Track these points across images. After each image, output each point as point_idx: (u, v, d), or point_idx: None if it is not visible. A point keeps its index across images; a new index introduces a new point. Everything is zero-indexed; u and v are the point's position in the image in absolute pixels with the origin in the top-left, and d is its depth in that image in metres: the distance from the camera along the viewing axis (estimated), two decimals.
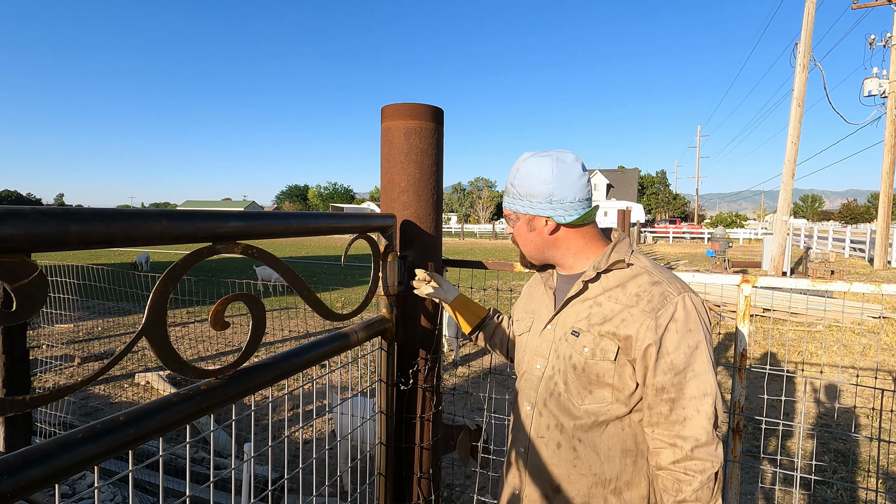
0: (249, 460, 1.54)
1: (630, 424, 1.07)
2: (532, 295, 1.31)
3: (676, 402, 0.99)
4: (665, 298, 1.02)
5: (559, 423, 1.11)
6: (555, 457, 1.11)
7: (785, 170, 13.17)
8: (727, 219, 54.71)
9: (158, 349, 0.75)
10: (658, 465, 1.02)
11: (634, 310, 1.03)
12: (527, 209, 1.12)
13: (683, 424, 0.98)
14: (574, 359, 1.09)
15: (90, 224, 0.63)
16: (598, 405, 1.06)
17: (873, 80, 16.12)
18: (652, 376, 1.01)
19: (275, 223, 0.96)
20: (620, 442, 1.07)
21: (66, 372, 5.40)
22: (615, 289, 1.08)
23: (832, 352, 6.11)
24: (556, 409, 1.12)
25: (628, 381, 1.04)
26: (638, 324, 1.02)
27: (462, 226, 41.40)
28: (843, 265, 15.57)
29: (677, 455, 0.98)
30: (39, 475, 0.60)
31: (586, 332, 1.08)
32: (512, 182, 1.13)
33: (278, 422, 4.10)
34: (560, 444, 1.10)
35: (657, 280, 1.06)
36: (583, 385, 1.08)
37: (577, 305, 1.12)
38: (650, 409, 1.02)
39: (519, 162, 1.13)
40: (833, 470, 3.28)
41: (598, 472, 1.07)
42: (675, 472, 0.99)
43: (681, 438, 0.98)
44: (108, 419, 0.70)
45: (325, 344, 1.15)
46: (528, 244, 1.17)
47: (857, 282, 1.50)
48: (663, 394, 1.00)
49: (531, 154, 1.12)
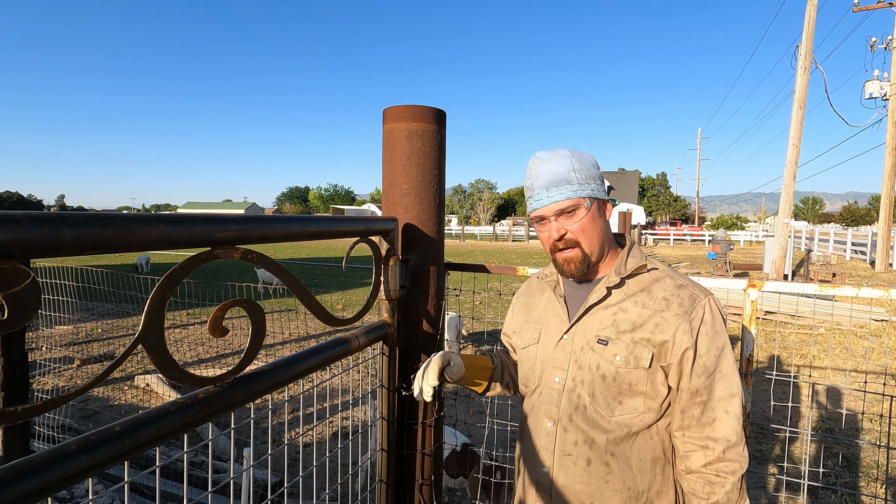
0: (249, 465, 1.52)
1: (658, 432, 1.04)
2: (532, 305, 1.24)
3: (707, 404, 0.99)
4: (694, 301, 1.02)
5: (588, 439, 1.04)
6: (585, 474, 1.04)
7: (786, 172, 13.14)
8: (728, 221, 54.68)
9: (155, 357, 0.73)
10: (688, 469, 1.00)
11: (667, 314, 1.01)
12: (596, 193, 1.05)
13: (713, 426, 0.98)
14: (603, 368, 1.03)
15: (84, 229, 0.61)
16: (630, 415, 1.02)
17: (874, 83, 16.11)
18: (688, 380, 1.00)
19: (274, 227, 0.94)
20: (650, 451, 1.03)
21: (66, 374, 5.38)
22: (639, 294, 1.05)
23: (835, 355, 6.08)
24: (584, 424, 1.05)
25: (660, 388, 1.01)
26: (673, 328, 1.00)
27: (463, 228, 41.41)
28: (844, 267, 15.53)
29: (709, 457, 0.98)
30: (32, 488, 0.58)
31: (616, 341, 1.03)
32: (570, 168, 1.04)
33: (278, 426, 4.08)
34: (590, 460, 1.04)
35: (682, 283, 1.06)
36: (612, 396, 1.02)
37: (599, 313, 1.07)
38: (683, 413, 1.01)
39: (556, 153, 1.06)
40: (837, 475, 3.26)
41: (632, 485, 1.02)
42: (706, 474, 0.98)
43: (712, 440, 0.98)
44: (103, 429, 0.68)
45: (326, 349, 1.13)
46: (596, 235, 1.06)
47: (864, 285, 1.49)
48: (697, 397, 1.00)
49: (558, 149, 1.08)
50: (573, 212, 1.05)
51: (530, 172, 1.09)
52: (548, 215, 1.06)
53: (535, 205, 1.07)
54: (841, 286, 1.47)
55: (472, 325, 7.56)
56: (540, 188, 1.06)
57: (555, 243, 1.07)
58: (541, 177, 1.06)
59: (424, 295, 1.47)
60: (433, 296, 1.48)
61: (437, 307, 1.50)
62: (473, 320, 1.69)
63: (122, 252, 0.69)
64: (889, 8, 15.61)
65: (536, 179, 1.07)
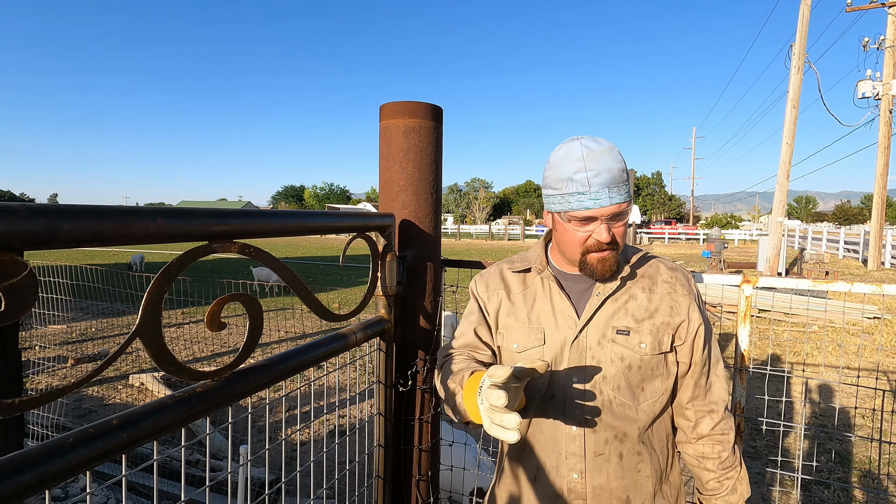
0: (246, 463, 1.52)
1: (667, 410, 1.09)
2: (520, 302, 1.11)
3: (711, 371, 1.08)
4: (688, 278, 1.10)
5: (619, 434, 1.02)
6: (619, 469, 1.02)
7: (780, 171, 13.23)
8: (722, 220, 54.96)
9: (153, 351, 0.73)
10: (699, 435, 1.07)
11: (675, 295, 1.06)
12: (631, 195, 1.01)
13: (712, 390, 1.08)
14: (628, 359, 1.02)
15: (82, 222, 0.61)
16: (653, 399, 1.05)
17: (867, 83, 16.22)
18: (701, 352, 1.06)
19: (272, 222, 0.94)
20: (665, 429, 1.09)
21: (60, 373, 5.35)
22: (642, 279, 1.08)
23: (828, 352, 6.13)
24: (614, 420, 1.02)
25: (671, 368, 1.06)
26: (685, 307, 1.05)
27: (458, 226, 41.40)
28: (837, 266, 15.65)
29: (715, 420, 1.06)
30: (30, 481, 0.58)
31: (637, 329, 1.02)
32: (624, 168, 0.96)
33: (275, 423, 4.07)
34: (622, 454, 1.03)
35: (671, 265, 1.12)
36: (636, 384, 1.03)
37: (609, 304, 1.05)
38: (696, 385, 1.07)
39: (604, 146, 0.96)
40: (830, 471, 3.29)
41: (657, 466, 1.06)
42: (714, 435, 1.06)
43: (714, 404, 1.07)
44: (101, 422, 0.68)
45: (324, 345, 1.13)
46: (624, 237, 1.03)
47: (857, 282, 1.50)
48: (704, 367, 1.07)
49: (600, 139, 0.98)
50: (625, 215, 0.98)
51: (584, 164, 0.94)
52: (603, 216, 0.96)
53: (588, 203, 0.95)
54: (834, 282, 1.49)
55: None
56: (600, 186, 0.94)
57: (598, 243, 0.98)
58: (601, 174, 0.94)
59: (421, 291, 1.47)
60: (430, 292, 1.49)
61: (434, 303, 1.50)
62: None
63: (120, 245, 0.68)
64: (881, 8, 15.73)
65: (595, 176, 0.94)
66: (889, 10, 15.68)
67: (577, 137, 0.99)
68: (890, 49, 15.87)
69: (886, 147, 16.17)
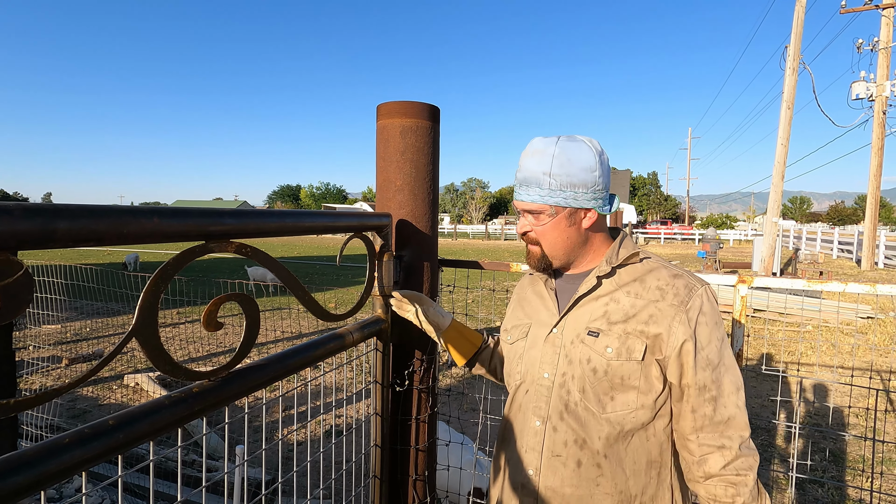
0: (242, 463, 1.51)
1: (655, 433, 0.99)
2: (524, 301, 1.19)
3: (718, 400, 0.94)
4: (691, 291, 0.97)
5: (579, 438, 0.99)
6: (575, 477, 0.98)
7: (775, 171, 13.30)
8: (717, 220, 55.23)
9: (149, 350, 0.73)
10: (707, 474, 0.95)
11: (661, 304, 0.97)
12: (570, 201, 0.99)
13: (728, 424, 0.94)
14: (594, 362, 0.98)
15: (78, 221, 0.61)
16: (623, 412, 0.97)
17: (861, 84, 16.34)
18: (693, 374, 0.94)
19: (270, 221, 0.94)
20: (646, 453, 0.98)
21: (54, 374, 5.32)
22: (632, 283, 1.01)
23: (821, 352, 6.17)
24: (575, 423, 0.99)
25: (654, 383, 0.97)
26: (669, 319, 0.95)
27: (455, 226, 41.43)
28: (831, 266, 15.75)
29: (727, 457, 0.93)
30: (25, 482, 0.58)
31: (607, 332, 0.98)
32: (547, 172, 0.98)
33: (271, 423, 4.06)
34: (580, 461, 0.98)
35: (677, 273, 1.01)
36: (604, 391, 0.97)
37: (590, 304, 1.02)
38: (694, 413, 0.95)
39: (547, 148, 0.99)
40: (824, 469, 3.31)
41: (624, 488, 0.97)
42: (727, 476, 0.93)
43: (728, 439, 0.94)
44: (97, 423, 0.67)
45: (321, 345, 1.13)
46: (559, 242, 1.03)
47: (851, 282, 1.51)
48: (706, 392, 0.94)
49: (563, 138, 0.99)
50: (538, 215, 1.03)
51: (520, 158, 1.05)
52: (518, 209, 1.07)
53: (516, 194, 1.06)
54: (829, 282, 1.50)
55: (464, 322, 7.56)
56: (518, 181, 1.04)
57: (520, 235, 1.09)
58: (521, 170, 1.03)
59: (418, 291, 1.47)
60: (427, 292, 1.48)
61: None
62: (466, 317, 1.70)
63: (117, 244, 0.68)
64: (875, 10, 15.84)
65: (519, 170, 1.04)
66: (882, 11, 15.80)
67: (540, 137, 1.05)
68: (883, 50, 15.99)
69: (880, 148, 16.29)
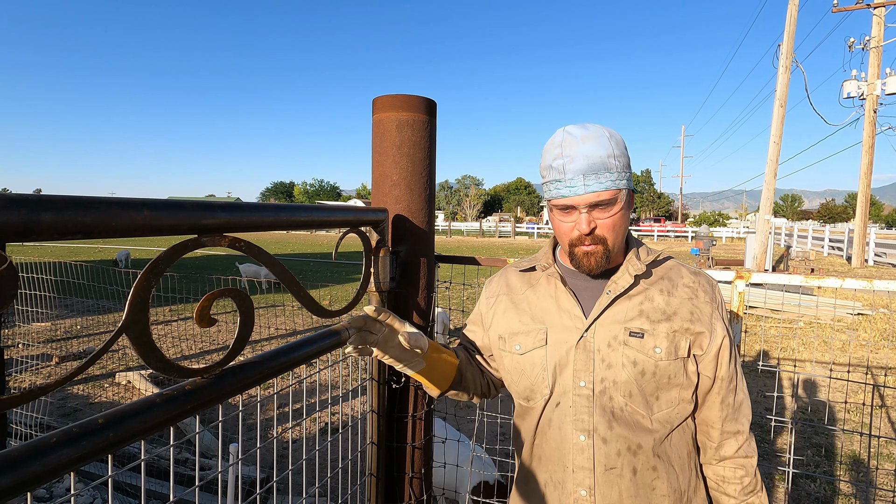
0: (236, 462, 1.49)
1: (689, 425, 1.01)
2: (524, 302, 1.08)
3: (738, 387, 1.01)
4: (713, 286, 1.02)
5: (632, 446, 0.94)
6: (632, 486, 0.94)
7: (767, 169, 13.38)
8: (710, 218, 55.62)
9: (140, 347, 0.70)
10: (722, 457, 1.00)
11: (697, 301, 0.98)
12: (631, 184, 0.94)
13: (740, 410, 1.00)
14: (641, 364, 0.94)
15: (64, 213, 0.59)
16: (668, 409, 0.96)
17: (852, 83, 16.47)
18: (727, 367, 0.98)
19: (264, 215, 0.92)
20: (686, 445, 1.00)
21: (44, 372, 5.25)
22: (661, 281, 1.00)
23: (813, 348, 6.23)
24: (626, 430, 0.94)
25: (692, 377, 0.97)
26: (708, 316, 0.98)
27: (449, 223, 41.42)
28: (822, 263, 15.90)
29: (740, 441, 0.99)
30: (9, 483, 0.56)
31: (652, 332, 0.95)
32: (611, 153, 0.90)
33: (266, 421, 4.04)
34: (636, 468, 0.94)
35: (694, 270, 1.03)
36: (650, 392, 0.95)
37: (623, 303, 0.97)
38: (723, 403, 0.99)
39: (597, 130, 0.92)
40: (816, 464, 3.34)
41: (676, 486, 0.96)
42: (737, 458, 0.99)
43: (741, 424, 1.00)
44: (86, 422, 0.65)
45: (316, 341, 1.11)
46: (624, 230, 0.96)
47: (848, 278, 1.51)
48: (731, 383, 0.99)
49: (592, 125, 0.94)
50: (609, 205, 0.92)
51: (561, 151, 0.92)
52: (580, 205, 0.91)
53: (564, 191, 0.91)
54: (826, 277, 1.50)
55: (459, 319, 7.57)
56: (575, 173, 0.90)
57: (581, 236, 0.94)
58: (576, 159, 0.90)
59: (415, 287, 1.45)
60: (423, 288, 1.47)
61: (427, 300, 1.49)
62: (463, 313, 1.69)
63: (105, 238, 0.66)
64: (867, 9, 15.96)
65: (570, 162, 0.90)
66: (874, 10, 15.92)
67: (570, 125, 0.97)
68: (874, 49, 16.12)
69: (871, 146, 16.44)
